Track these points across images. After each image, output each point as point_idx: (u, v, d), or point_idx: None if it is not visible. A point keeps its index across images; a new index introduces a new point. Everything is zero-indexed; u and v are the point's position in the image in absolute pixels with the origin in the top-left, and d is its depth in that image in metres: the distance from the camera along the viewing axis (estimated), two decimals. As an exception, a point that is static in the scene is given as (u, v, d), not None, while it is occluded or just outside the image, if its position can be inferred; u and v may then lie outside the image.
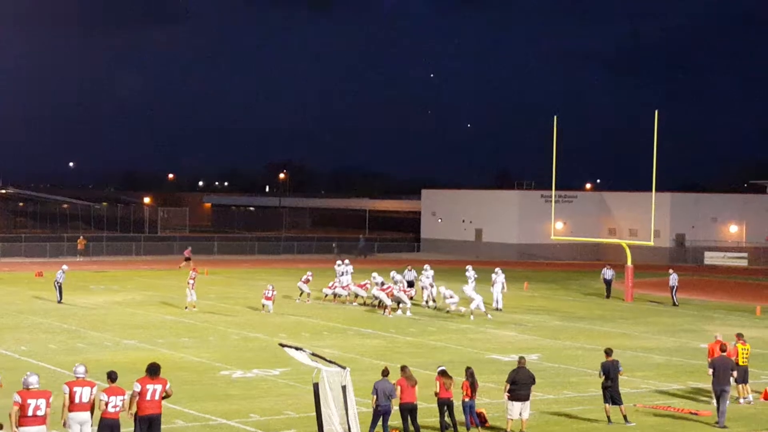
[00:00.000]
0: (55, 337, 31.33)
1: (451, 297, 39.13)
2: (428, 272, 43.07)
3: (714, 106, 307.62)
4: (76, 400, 15.50)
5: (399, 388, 18.39)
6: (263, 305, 38.45)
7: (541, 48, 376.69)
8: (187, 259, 61.03)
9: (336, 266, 45.28)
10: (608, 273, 47.82)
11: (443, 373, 19.17)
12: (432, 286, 41.68)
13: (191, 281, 38.92)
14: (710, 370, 21.16)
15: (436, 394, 19.11)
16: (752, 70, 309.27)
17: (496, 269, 42.06)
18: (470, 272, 42.34)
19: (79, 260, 65.85)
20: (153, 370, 16.16)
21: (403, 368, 18.83)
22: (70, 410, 15.50)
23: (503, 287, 41.46)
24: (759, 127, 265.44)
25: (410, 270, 45.38)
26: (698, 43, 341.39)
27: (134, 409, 15.86)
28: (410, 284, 43.13)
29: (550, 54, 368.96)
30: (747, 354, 23.02)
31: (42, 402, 15.03)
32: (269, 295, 38.50)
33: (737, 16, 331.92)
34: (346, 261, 46.91)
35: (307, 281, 42.41)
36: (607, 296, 47.34)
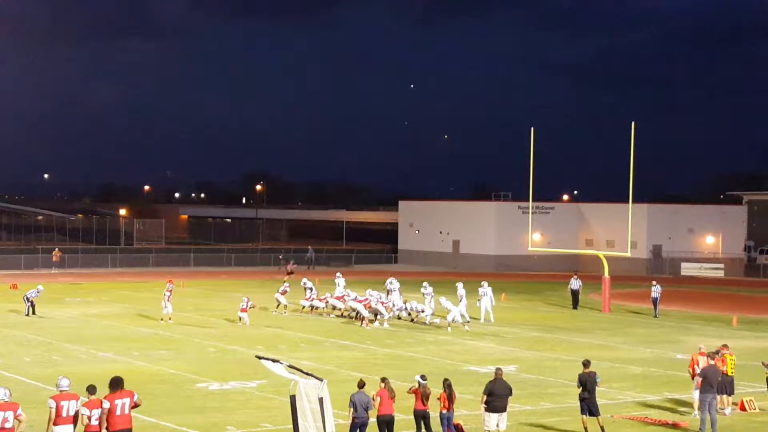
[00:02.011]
0: (30, 350, 31.07)
1: (423, 311, 39.32)
2: (394, 284, 43.10)
3: (688, 119, 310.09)
4: (63, 414, 15.30)
5: (378, 399, 18.28)
6: (239, 317, 38.27)
7: (517, 60, 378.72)
8: (290, 273, 60.49)
9: (302, 284, 44.75)
10: (575, 283, 47.75)
11: (420, 385, 19.04)
12: (404, 305, 41.18)
13: (167, 293, 38.73)
14: (699, 379, 20.95)
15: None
16: (725, 83, 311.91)
17: (483, 282, 42.04)
18: (427, 289, 42.53)
19: (54, 272, 65.41)
20: (117, 384, 15.80)
21: (384, 380, 18.73)
22: (55, 424, 15.27)
23: (491, 300, 41.59)
24: (733, 139, 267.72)
25: (392, 283, 45.32)
26: (672, 57, 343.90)
27: (104, 426, 15.58)
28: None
29: (526, 66, 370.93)
30: (733, 364, 23.05)
31: (10, 414, 14.83)
32: (245, 307, 38.33)
33: (711, 30, 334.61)
34: (338, 274, 46.85)
35: (284, 293, 42.30)
36: (575, 307, 47.38)
